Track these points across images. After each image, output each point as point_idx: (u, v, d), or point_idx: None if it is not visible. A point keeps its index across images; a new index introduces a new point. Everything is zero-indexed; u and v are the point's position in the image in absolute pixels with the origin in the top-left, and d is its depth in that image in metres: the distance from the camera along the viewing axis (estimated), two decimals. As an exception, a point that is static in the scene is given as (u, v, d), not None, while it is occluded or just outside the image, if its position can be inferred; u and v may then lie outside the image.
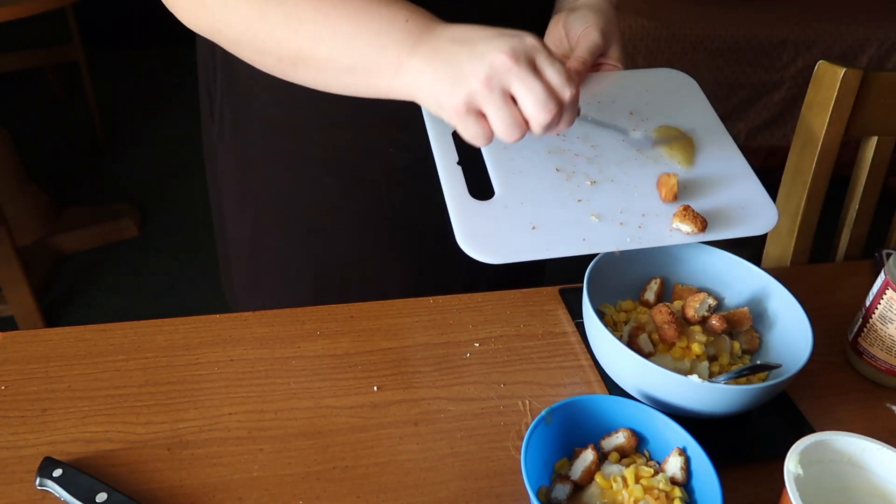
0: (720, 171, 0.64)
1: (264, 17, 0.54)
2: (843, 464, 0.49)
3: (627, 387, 0.60)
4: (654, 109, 0.70)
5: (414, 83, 0.52)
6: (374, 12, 0.53)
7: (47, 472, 0.50)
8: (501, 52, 0.49)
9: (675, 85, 0.74)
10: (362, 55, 0.53)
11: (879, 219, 0.95)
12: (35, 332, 0.65)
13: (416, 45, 0.52)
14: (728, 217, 0.60)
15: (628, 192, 0.62)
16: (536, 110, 0.49)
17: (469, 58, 0.49)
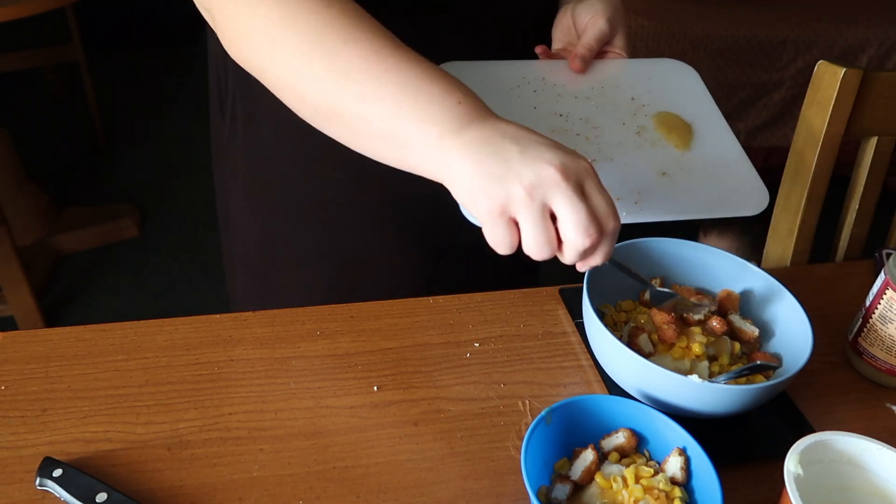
0: (715, 155, 0.66)
1: (311, 65, 0.52)
2: (843, 464, 0.49)
3: (627, 387, 0.60)
4: (655, 96, 0.72)
5: (453, 166, 0.49)
6: (426, 86, 0.51)
7: (47, 472, 0.50)
8: (553, 165, 0.46)
9: (677, 74, 0.76)
10: (403, 125, 0.51)
11: (879, 219, 0.95)
12: (35, 332, 0.65)
13: (463, 130, 0.49)
14: (720, 198, 0.62)
15: (626, 171, 0.63)
16: (576, 233, 0.47)
17: (520, 159, 0.47)
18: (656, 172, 0.64)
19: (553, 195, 0.47)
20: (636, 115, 0.69)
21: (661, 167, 0.65)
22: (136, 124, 2.90)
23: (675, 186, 0.63)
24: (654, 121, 0.68)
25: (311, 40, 0.52)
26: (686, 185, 0.63)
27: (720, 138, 0.68)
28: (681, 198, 0.62)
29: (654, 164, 0.65)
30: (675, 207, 0.60)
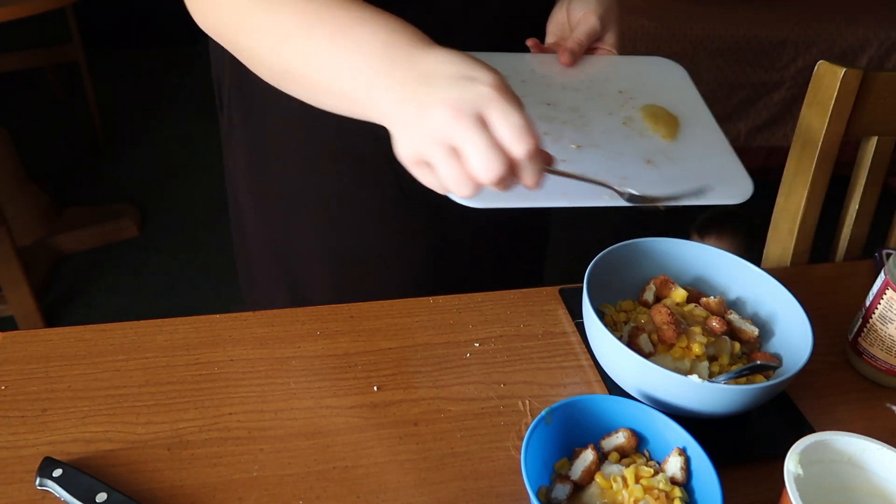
0: (701, 146, 0.67)
1: (253, 27, 0.54)
2: (843, 464, 0.49)
3: (627, 387, 0.60)
4: (643, 90, 0.72)
5: (383, 117, 0.50)
6: (355, 33, 0.51)
7: (47, 472, 0.50)
8: (444, 105, 0.46)
9: (666, 71, 0.77)
10: (339, 79, 0.52)
11: (879, 219, 0.95)
12: (35, 332, 0.65)
13: (388, 75, 0.50)
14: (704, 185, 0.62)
15: (612, 158, 0.64)
16: (479, 167, 0.46)
17: (417, 108, 0.48)
18: (642, 159, 0.64)
19: (450, 134, 0.46)
20: (624, 106, 0.70)
21: (646, 155, 0.65)
22: (136, 124, 2.90)
23: (660, 173, 0.63)
24: (641, 112, 0.69)
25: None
26: (671, 173, 0.63)
27: (707, 131, 0.69)
28: (666, 184, 0.62)
29: (640, 151, 0.65)
30: (661, 191, 0.61)
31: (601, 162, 0.63)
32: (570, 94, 0.70)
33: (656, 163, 0.64)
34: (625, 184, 0.60)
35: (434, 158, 0.48)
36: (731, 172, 0.64)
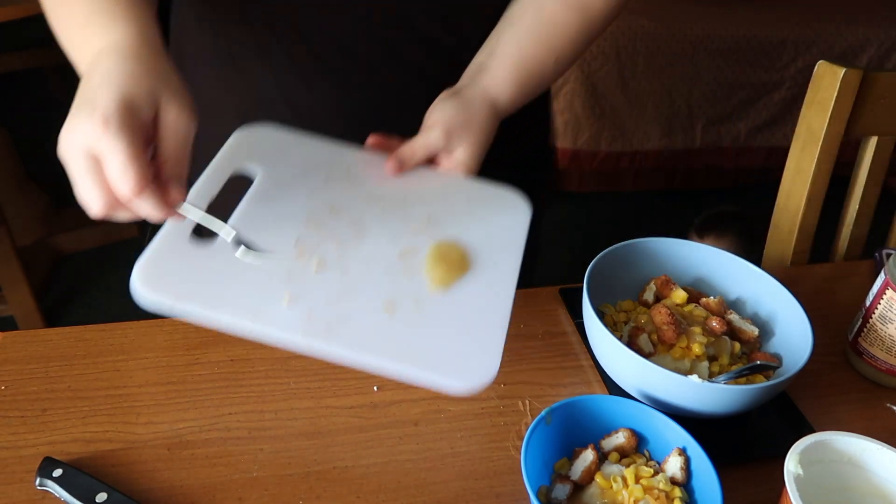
0: (470, 306, 0.56)
1: None
2: (843, 464, 0.49)
3: (627, 387, 0.60)
4: (456, 223, 0.63)
5: None
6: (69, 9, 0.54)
7: (47, 472, 0.50)
8: (67, 133, 0.48)
9: (504, 206, 0.67)
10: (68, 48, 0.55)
11: (879, 219, 0.95)
12: (35, 332, 0.65)
13: (85, 61, 0.52)
14: (444, 357, 0.52)
15: (349, 292, 0.55)
16: (84, 199, 0.48)
17: (66, 125, 0.49)
18: (382, 304, 0.55)
19: (66, 162, 0.48)
20: (417, 235, 0.61)
21: (392, 299, 0.55)
22: (136, 124, 2.90)
23: (389, 326, 0.53)
24: (431, 247, 0.60)
25: None
26: (402, 329, 0.53)
27: (492, 289, 0.58)
28: (386, 341, 0.52)
29: (387, 292, 0.56)
30: (367, 348, 0.51)
31: (332, 291, 0.54)
32: (366, 206, 0.62)
33: (396, 312, 0.54)
34: (336, 326, 0.52)
35: (67, 167, 0.49)
36: (479, 350, 0.53)
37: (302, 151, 0.66)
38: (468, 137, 0.64)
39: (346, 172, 0.65)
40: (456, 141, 0.63)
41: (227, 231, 0.55)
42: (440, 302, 0.56)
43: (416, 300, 0.56)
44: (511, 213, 0.66)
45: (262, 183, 0.61)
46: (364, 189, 0.64)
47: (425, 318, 0.55)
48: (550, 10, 0.67)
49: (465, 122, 0.64)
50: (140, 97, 0.47)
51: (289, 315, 0.52)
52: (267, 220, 0.59)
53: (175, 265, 0.53)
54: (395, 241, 0.60)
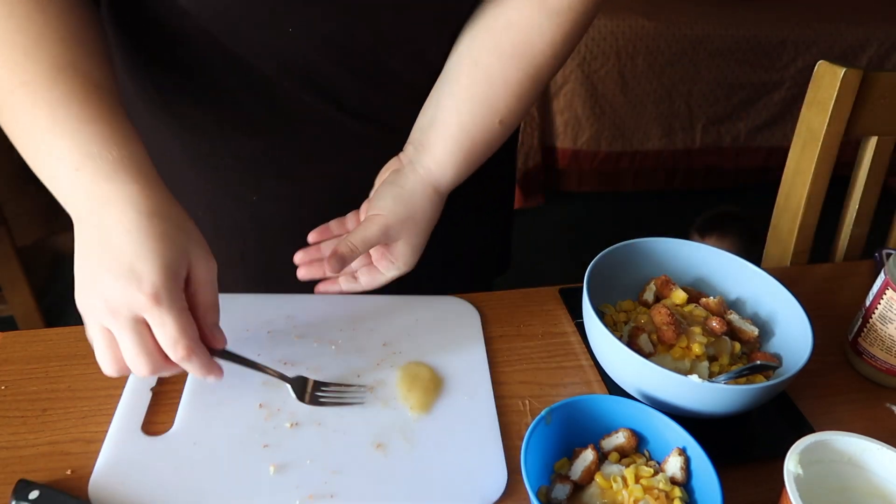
0: (458, 424, 0.57)
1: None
2: (843, 464, 0.49)
3: (627, 387, 0.60)
4: (414, 343, 0.64)
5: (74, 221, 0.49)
6: (49, 140, 0.48)
7: (23, 495, 0.49)
8: (102, 300, 0.46)
9: (454, 316, 0.68)
10: (38, 166, 0.49)
11: (879, 219, 0.95)
12: (35, 332, 0.65)
13: (76, 207, 0.48)
14: (450, 481, 0.52)
15: (330, 442, 0.54)
16: (130, 363, 0.47)
17: (90, 281, 0.46)
18: (371, 444, 0.54)
19: (108, 324, 0.47)
20: (380, 365, 0.61)
21: (379, 436, 0.55)
22: (136, 124, 2.90)
23: (385, 465, 0.53)
24: (399, 372, 0.60)
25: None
26: (400, 465, 0.53)
27: (472, 400, 0.59)
28: (387, 481, 0.52)
29: (371, 433, 0.55)
30: (373, 495, 0.51)
31: (313, 445, 0.53)
32: (319, 351, 0.62)
33: (388, 448, 0.54)
34: (333, 480, 0.51)
35: (93, 338, 0.48)
36: (483, 464, 0.54)
37: (236, 312, 0.65)
38: (409, 234, 0.63)
39: (287, 320, 0.66)
40: (395, 236, 0.63)
41: (277, 373, 0.56)
42: (428, 428, 0.56)
43: (404, 432, 0.56)
44: (461, 319, 0.68)
45: None
46: (311, 332, 0.64)
47: (419, 448, 0.55)
48: (486, 65, 0.61)
49: (406, 219, 0.63)
50: (177, 261, 0.47)
51: (281, 483, 0.51)
52: (221, 392, 0.57)
53: (135, 471, 0.51)
54: (361, 377, 0.60)
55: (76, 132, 0.47)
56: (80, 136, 0.47)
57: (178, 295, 0.46)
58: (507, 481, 0.53)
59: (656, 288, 0.68)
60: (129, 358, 0.47)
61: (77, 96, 0.49)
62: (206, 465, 0.52)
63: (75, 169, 0.47)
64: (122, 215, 0.46)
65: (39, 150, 0.48)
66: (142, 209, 0.46)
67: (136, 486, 0.50)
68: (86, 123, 0.48)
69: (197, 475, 0.51)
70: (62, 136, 0.47)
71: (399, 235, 0.63)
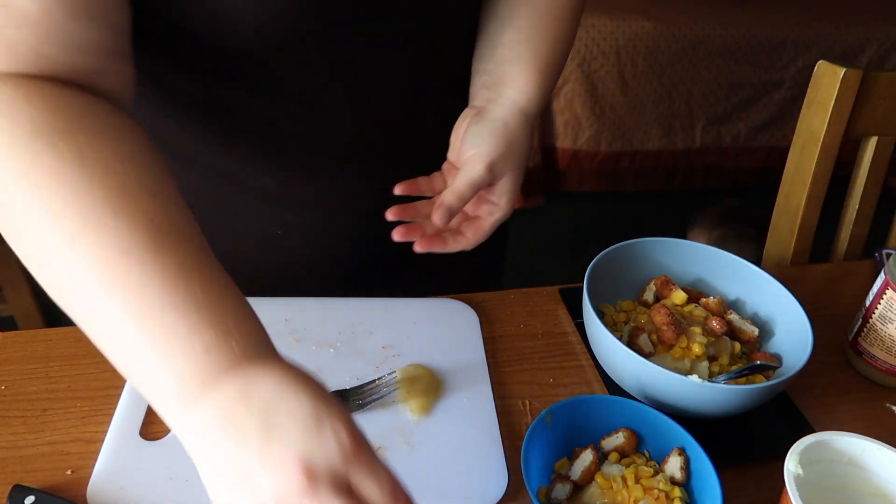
0: (458, 426, 0.57)
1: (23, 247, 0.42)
2: (843, 464, 0.49)
3: (627, 387, 0.60)
4: (413, 345, 0.64)
5: (192, 448, 0.37)
6: (169, 317, 0.37)
7: (18, 500, 0.49)
8: (296, 465, 0.33)
9: (452, 319, 0.68)
10: (136, 370, 0.39)
11: (879, 219, 0.95)
12: (35, 332, 0.65)
13: (205, 393, 0.36)
14: (451, 483, 0.52)
15: None
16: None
17: (258, 457, 0.34)
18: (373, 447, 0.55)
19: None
20: (379, 368, 0.61)
21: (380, 439, 0.55)
22: (136, 124, 2.89)
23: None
24: (399, 374, 0.60)
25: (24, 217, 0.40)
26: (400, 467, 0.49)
27: (472, 402, 0.59)
28: None
29: (373, 434, 0.54)
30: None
31: None
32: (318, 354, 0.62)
33: (389, 450, 0.54)
34: None
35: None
36: (486, 465, 0.54)
37: None
38: (512, 168, 0.59)
39: (285, 326, 0.65)
40: (500, 172, 0.59)
41: None
42: (428, 429, 0.56)
43: (404, 434, 0.56)
44: (460, 321, 0.68)
45: None
46: (309, 334, 0.64)
47: (420, 450, 0.55)
48: (539, 2, 0.63)
49: (507, 151, 0.59)
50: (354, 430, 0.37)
51: None
52: None
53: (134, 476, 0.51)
54: (360, 380, 0.60)
55: (188, 310, 0.38)
56: (194, 312, 0.38)
57: (383, 467, 0.37)
58: (507, 482, 0.53)
59: (656, 288, 0.68)
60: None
61: (194, 265, 0.40)
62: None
63: (205, 350, 0.37)
64: (274, 382, 0.37)
65: (146, 336, 0.38)
66: (290, 377, 0.37)
67: (135, 491, 0.50)
68: (213, 297, 0.39)
69: (195, 480, 0.50)
70: (179, 312, 0.38)
71: (503, 171, 0.59)
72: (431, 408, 0.58)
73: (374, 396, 0.58)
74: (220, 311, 0.38)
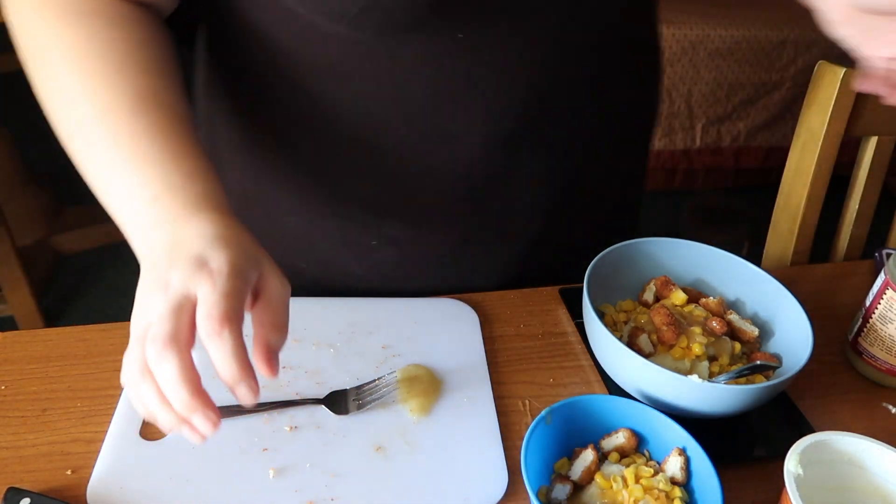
0: (457, 427, 0.57)
1: (40, 82, 0.53)
2: (843, 464, 0.49)
3: (627, 387, 0.60)
4: (413, 345, 0.64)
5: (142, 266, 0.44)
6: (130, 169, 0.47)
7: (13, 503, 0.49)
8: (132, 326, 0.41)
9: (452, 319, 0.68)
10: (110, 203, 0.48)
11: (879, 219, 0.95)
12: (35, 332, 0.65)
13: (147, 233, 0.45)
14: (451, 483, 0.52)
15: (329, 445, 0.54)
16: (170, 395, 0.40)
17: (149, 287, 0.42)
18: (371, 446, 0.54)
19: (152, 306, 0.41)
20: (379, 368, 0.61)
21: (379, 439, 0.55)
22: (136, 124, 2.90)
23: (386, 468, 0.53)
24: (399, 374, 0.60)
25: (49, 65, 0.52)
26: (400, 467, 0.53)
27: (472, 402, 0.59)
28: (388, 484, 0.52)
29: (373, 434, 0.55)
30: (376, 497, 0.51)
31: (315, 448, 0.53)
32: (318, 353, 0.62)
33: (388, 451, 0.54)
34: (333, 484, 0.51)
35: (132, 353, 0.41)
36: (485, 464, 0.54)
37: None
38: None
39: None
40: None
41: None
42: (428, 430, 0.56)
43: (403, 435, 0.56)
44: (460, 321, 0.68)
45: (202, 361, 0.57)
46: (309, 334, 0.64)
47: (419, 450, 0.55)
48: None
49: None
50: (247, 266, 0.43)
51: (280, 487, 0.51)
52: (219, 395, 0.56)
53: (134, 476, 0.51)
54: (360, 380, 0.60)
55: (159, 164, 0.47)
56: (164, 168, 0.47)
57: (239, 286, 0.41)
58: (507, 482, 0.53)
59: (656, 288, 0.68)
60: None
61: (161, 128, 0.48)
62: (205, 469, 0.52)
63: (154, 198, 0.46)
64: (196, 230, 0.44)
65: (114, 179, 0.47)
66: (218, 230, 0.44)
67: (135, 491, 0.50)
68: (170, 156, 0.47)
69: (196, 480, 0.51)
70: (144, 167, 0.47)
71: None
72: (431, 408, 0.58)
73: (374, 396, 0.58)
74: (171, 169, 0.47)
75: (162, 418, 0.40)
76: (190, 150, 0.49)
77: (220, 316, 0.39)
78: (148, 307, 0.41)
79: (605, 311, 0.67)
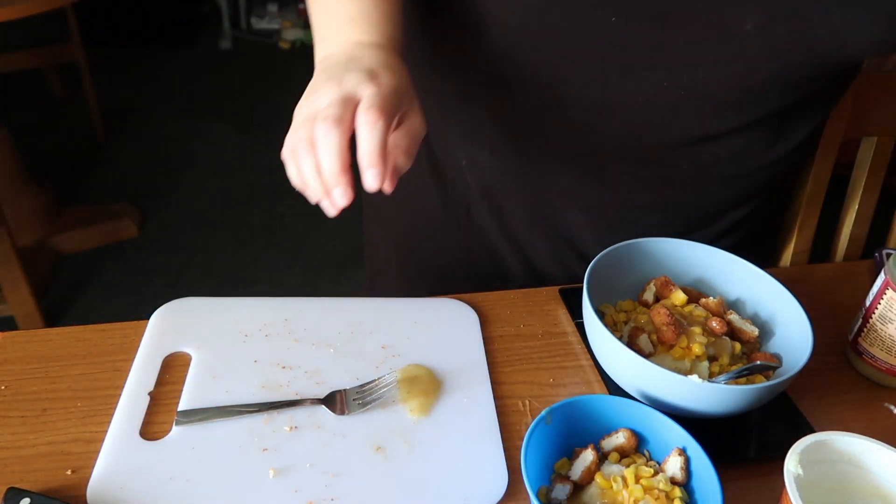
0: (457, 427, 0.57)
1: None
2: (843, 464, 0.49)
3: (627, 387, 0.60)
4: (413, 345, 0.64)
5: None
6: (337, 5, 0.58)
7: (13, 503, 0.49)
8: (298, 110, 0.50)
9: (452, 319, 0.68)
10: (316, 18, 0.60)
11: (879, 219, 0.95)
12: (35, 332, 0.65)
13: (323, 45, 0.57)
14: (451, 483, 0.53)
15: (329, 445, 0.54)
16: (305, 186, 0.49)
17: (311, 87, 0.51)
18: (371, 446, 0.54)
19: (318, 101, 0.50)
20: (379, 368, 0.61)
21: (379, 439, 0.55)
22: (136, 124, 2.90)
23: (385, 468, 0.53)
24: (399, 374, 0.60)
25: None
26: (400, 467, 0.53)
27: (472, 402, 0.59)
28: (388, 484, 0.52)
29: (371, 436, 0.55)
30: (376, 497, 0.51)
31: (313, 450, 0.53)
32: (317, 353, 0.62)
33: (388, 451, 0.54)
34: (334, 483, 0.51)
35: (298, 136, 0.49)
36: (484, 464, 0.54)
37: (232, 316, 0.65)
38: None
39: (284, 326, 0.65)
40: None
41: None
42: (428, 430, 0.56)
43: (403, 434, 0.56)
44: (460, 321, 0.68)
45: (202, 361, 0.61)
46: (309, 335, 0.64)
47: (419, 450, 0.55)
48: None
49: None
50: (402, 91, 0.51)
51: (280, 487, 0.51)
52: (219, 395, 0.57)
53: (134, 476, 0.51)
54: (359, 380, 0.60)
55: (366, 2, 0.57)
56: (368, 4, 0.57)
57: (396, 102, 0.49)
58: (507, 482, 0.53)
59: (656, 288, 0.68)
60: (301, 177, 0.49)
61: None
62: (205, 469, 0.52)
63: (350, 20, 0.56)
64: (373, 54, 0.53)
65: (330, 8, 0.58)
66: (390, 62, 0.53)
67: (135, 491, 0.50)
68: (377, 2, 0.57)
69: (196, 480, 0.51)
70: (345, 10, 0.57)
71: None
72: (431, 408, 0.58)
73: (373, 396, 0.58)
74: (373, 7, 0.57)
75: (312, 186, 0.48)
76: (395, 16, 0.58)
77: (380, 110, 0.47)
78: (319, 96, 0.49)
79: (605, 311, 0.67)
